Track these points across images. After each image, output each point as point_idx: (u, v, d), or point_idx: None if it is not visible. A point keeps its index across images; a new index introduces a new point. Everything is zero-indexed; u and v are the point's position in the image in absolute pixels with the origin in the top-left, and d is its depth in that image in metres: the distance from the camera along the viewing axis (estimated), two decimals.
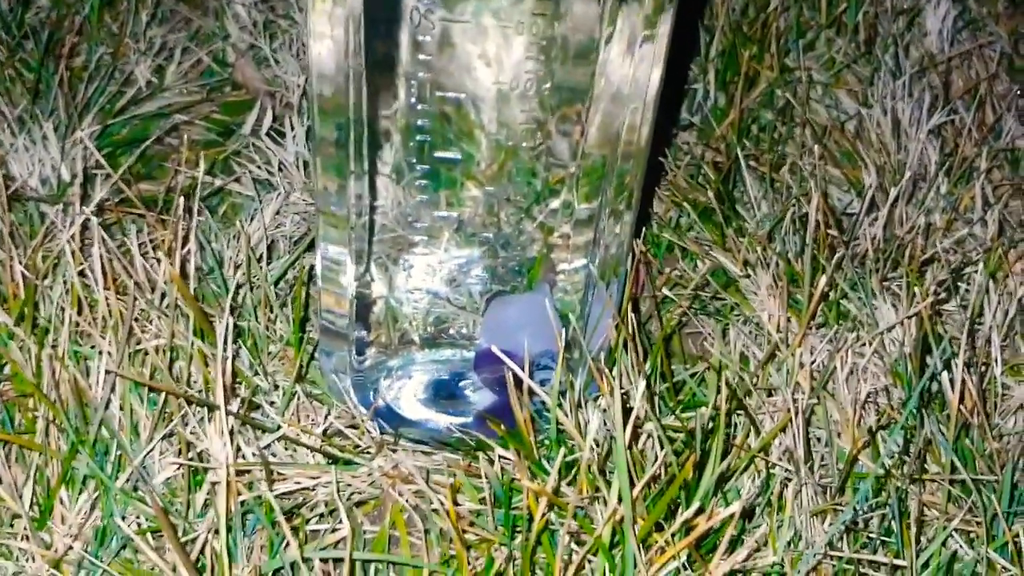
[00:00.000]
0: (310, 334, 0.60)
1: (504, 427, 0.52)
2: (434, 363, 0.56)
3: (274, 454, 0.52)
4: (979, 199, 0.72)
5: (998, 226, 0.69)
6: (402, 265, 0.53)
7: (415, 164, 0.49)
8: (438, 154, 0.48)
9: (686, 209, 0.70)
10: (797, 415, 0.52)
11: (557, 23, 0.45)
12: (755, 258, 0.65)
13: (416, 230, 0.51)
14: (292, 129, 0.71)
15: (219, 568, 0.47)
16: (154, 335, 0.55)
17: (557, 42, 0.46)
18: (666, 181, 0.73)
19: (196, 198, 0.61)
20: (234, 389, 0.54)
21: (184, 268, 0.57)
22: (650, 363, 0.56)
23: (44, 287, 0.57)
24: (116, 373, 0.51)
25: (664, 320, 0.63)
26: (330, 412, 0.55)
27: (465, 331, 0.55)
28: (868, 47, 0.86)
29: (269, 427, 0.53)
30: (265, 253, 0.64)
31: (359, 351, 0.54)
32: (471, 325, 0.55)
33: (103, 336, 0.54)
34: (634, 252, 0.55)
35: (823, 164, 0.74)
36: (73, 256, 0.56)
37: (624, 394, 0.53)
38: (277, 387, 0.56)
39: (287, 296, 0.62)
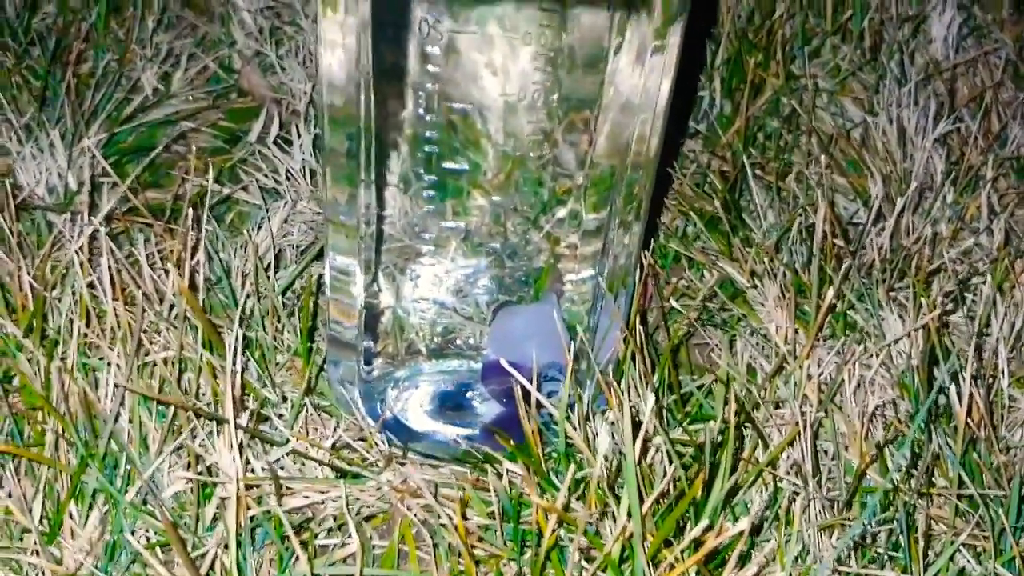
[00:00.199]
0: (318, 344, 0.60)
1: (512, 440, 0.52)
2: (441, 374, 0.56)
3: (283, 467, 0.52)
4: (985, 208, 0.72)
5: (1004, 235, 0.69)
6: (409, 275, 0.53)
7: (423, 174, 0.49)
8: (446, 165, 0.48)
9: (692, 218, 0.70)
10: (805, 429, 0.52)
11: (565, 34, 0.45)
12: (762, 269, 0.65)
13: (423, 240, 0.51)
14: (299, 137, 0.71)
15: None
16: (163, 347, 0.55)
17: (565, 53, 0.45)
18: (672, 190, 0.72)
19: (205, 208, 0.61)
20: (243, 401, 0.54)
21: (193, 280, 0.57)
22: (658, 375, 0.56)
23: (52, 299, 0.57)
24: (125, 387, 0.51)
25: (672, 331, 0.63)
26: (338, 425, 0.55)
27: (472, 341, 0.55)
28: (873, 54, 0.85)
29: (278, 441, 0.53)
30: (273, 262, 0.64)
31: (367, 361, 0.54)
32: (478, 335, 0.55)
33: (112, 348, 0.54)
34: (642, 264, 0.55)
35: (829, 173, 0.74)
36: (81, 267, 0.56)
37: (632, 405, 0.53)
38: (286, 399, 0.56)
39: (295, 306, 0.62)
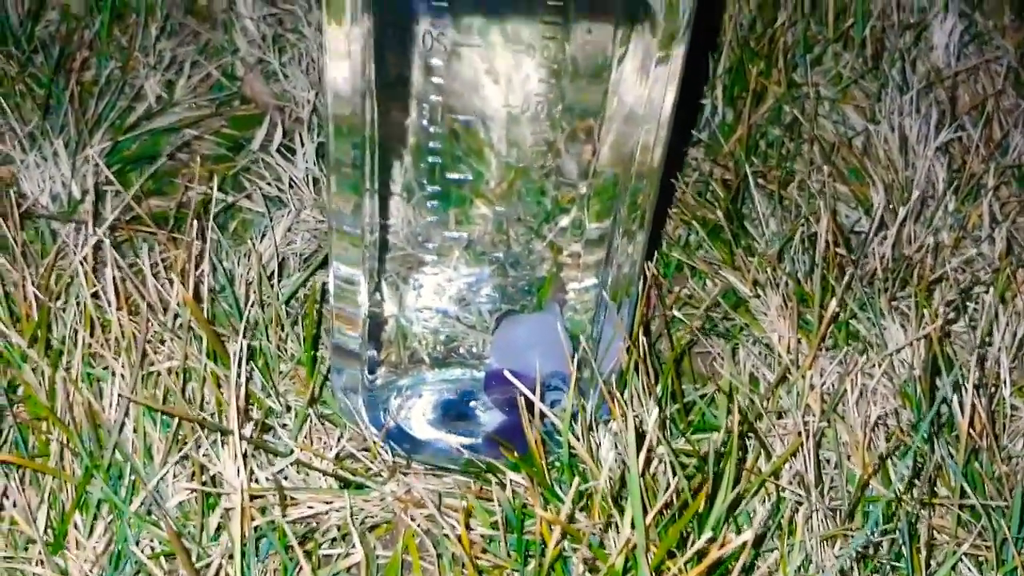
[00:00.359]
0: (321, 352, 0.60)
1: (515, 449, 0.52)
2: (444, 383, 0.56)
3: (287, 478, 0.53)
4: (987, 216, 0.72)
5: (1006, 244, 0.69)
6: (412, 284, 0.53)
7: (426, 184, 0.49)
8: (449, 175, 0.49)
9: (695, 227, 0.70)
10: (808, 439, 0.52)
11: (568, 46, 0.45)
12: (765, 278, 0.65)
13: (426, 249, 0.51)
14: (302, 145, 0.71)
15: None
16: (167, 356, 0.55)
17: (568, 65, 0.46)
18: (675, 199, 0.73)
19: (209, 217, 0.61)
20: (247, 411, 0.54)
21: (197, 289, 0.57)
22: (661, 385, 0.56)
23: (57, 308, 0.57)
24: (129, 399, 0.51)
25: (674, 340, 0.63)
26: (342, 435, 0.55)
27: (475, 350, 0.55)
28: (875, 62, 0.86)
29: (282, 451, 0.53)
30: (276, 271, 0.64)
31: (370, 370, 0.54)
32: (481, 344, 0.55)
33: (116, 358, 0.54)
34: (645, 274, 0.55)
35: (831, 182, 0.74)
36: (86, 277, 0.56)
37: (636, 415, 0.53)
38: (290, 408, 0.56)
39: (298, 315, 0.62)
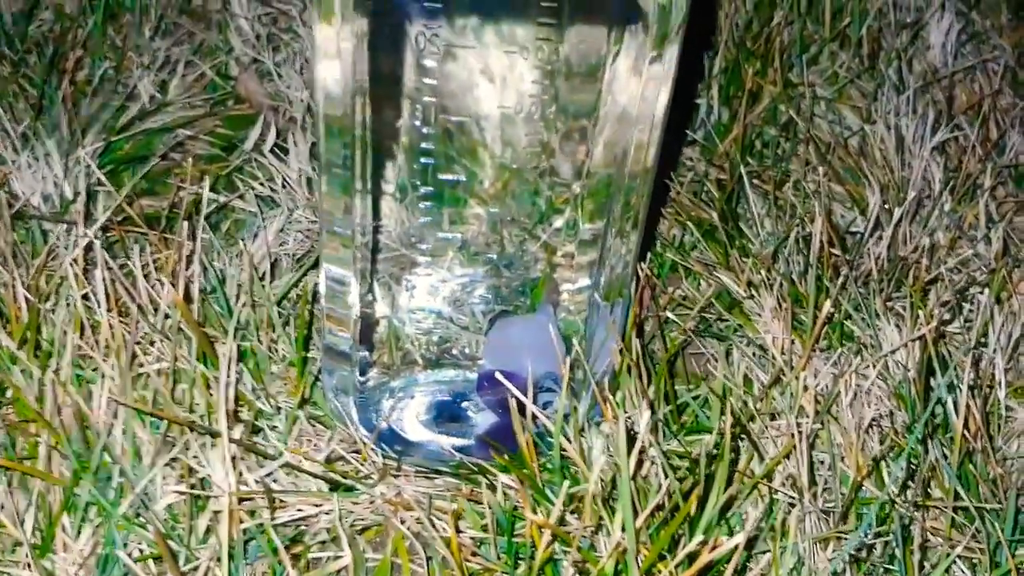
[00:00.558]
0: (312, 353, 0.60)
1: (506, 451, 0.52)
2: (437, 384, 0.56)
3: (276, 480, 0.52)
4: (983, 216, 0.72)
5: (1002, 244, 0.69)
6: (405, 285, 0.52)
7: (419, 185, 0.49)
8: (443, 176, 0.48)
9: (689, 228, 0.70)
10: (801, 440, 0.52)
11: (562, 47, 0.45)
12: (759, 279, 0.64)
13: (419, 250, 0.51)
14: (295, 145, 0.71)
15: None
16: (156, 358, 0.55)
17: (562, 66, 0.45)
18: (669, 199, 0.72)
19: (200, 217, 0.60)
20: (236, 413, 0.54)
21: (187, 290, 0.57)
22: (654, 387, 0.56)
23: (47, 310, 0.57)
24: (118, 401, 0.51)
25: (668, 341, 0.63)
26: (332, 436, 0.55)
27: (468, 351, 0.55)
28: (872, 61, 0.85)
29: (271, 454, 0.53)
30: (268, 272, 0.64)
31: (362, 371, 0.54)
32: (474, 345, 0.55)
33: (106, 359, 0.54)
34: (639, 275, 0.55)
35: (827, 182, 0.73)
36: (76, 279, 0.56)
37: (628, 417, 0.53)
38: (280, 410, 0.56)
39: (290, 316, 0.62)
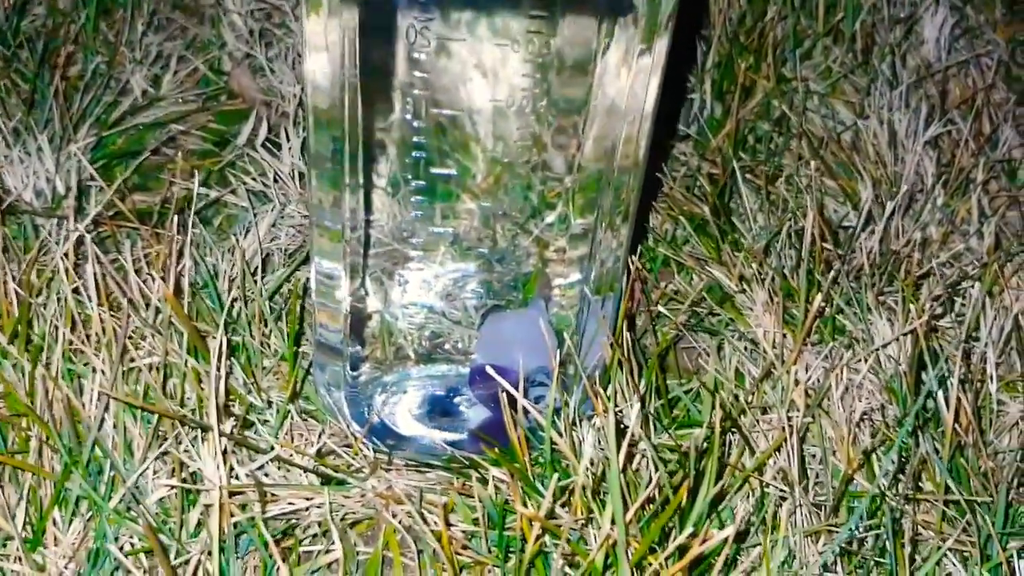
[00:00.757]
0: (304, 348, 0.59)
1: (498, 445, 0.52)
2: (429, 378, 0.56)
3: (267, 474, 0.52)
4: (975, 211, 0.72)
5: (995, 238, 0.69)
6: (397, 279, 0.52)
7: (411, 179, 0.49)
8: (434, 170, 0.48)
9: (682, 222, 0.70)
10: (792, 434, 0.52)
11: (553, 41, 0.45)
12: (751, 273, 0.64)
13: (411, 244, 0.51)
14: (288, 140, 0.71)
15: None
16: (148, 352, 0.55)
17: (553, 59, 0.45)
18: (662, 193, 0.72)
19: (191, 212, 0.60)
20: (228, 407, 0.54)
21: (179, 284, 0.57)
22: (645, 381, 0.56)
23: (37, 305, 0.57)
24: (109, 395, 0.51)
25: (660, 336, 0.63)
26: (324, 430, 0.55)
27: (461, 346, 0.55)
28: (865, 56, 0.85)
29: (263, 448, 0.53)
30: (260, 266, 0.64)
31: (354, 366, 0.54)
32: (467, 340, 0.55)
33: (97, 354, 0.54)
34: (629, 268, 0.55)
35: (819, 176, 0.73)
36: (67, 274, 0.56)
37: (619, 411, 0.53)
38: (271, 404, 0.56)
39: (282, 310, 0.62)
